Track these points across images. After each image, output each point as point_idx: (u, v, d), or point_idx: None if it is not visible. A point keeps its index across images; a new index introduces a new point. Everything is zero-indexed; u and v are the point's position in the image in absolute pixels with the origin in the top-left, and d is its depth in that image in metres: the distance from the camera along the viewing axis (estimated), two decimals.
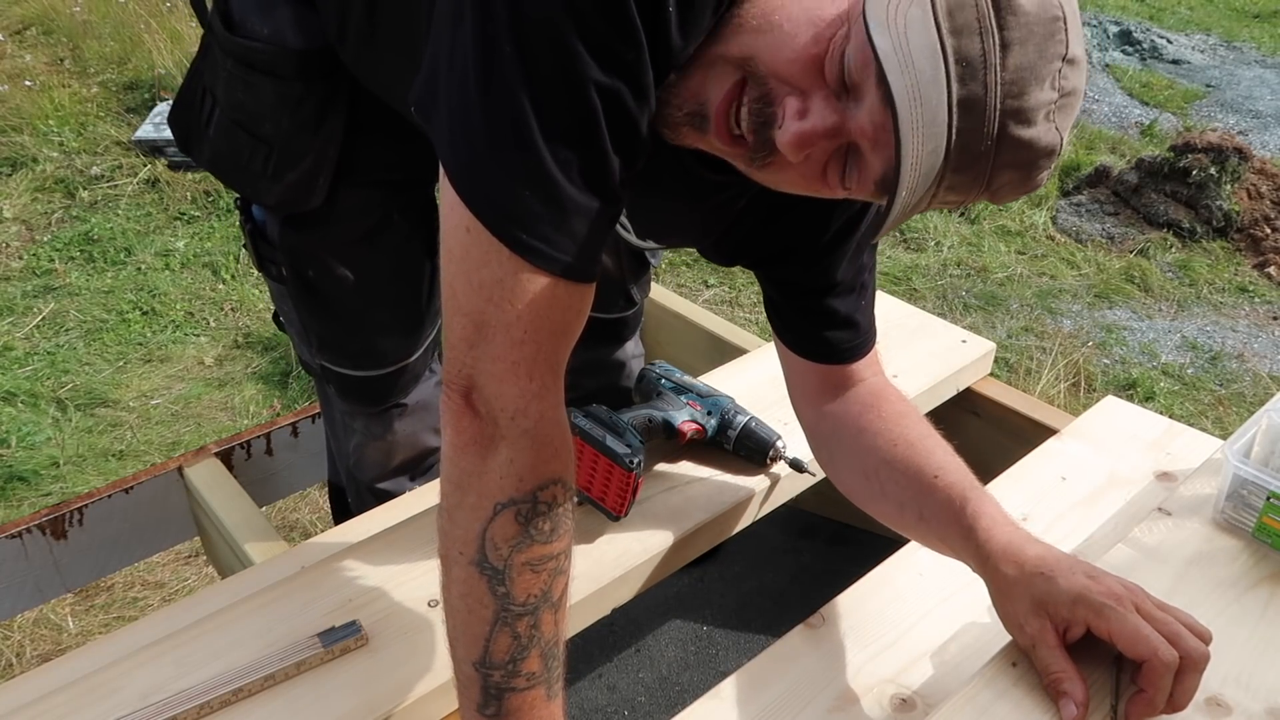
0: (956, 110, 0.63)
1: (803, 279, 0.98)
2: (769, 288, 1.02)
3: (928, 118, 0.62)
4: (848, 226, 0.95)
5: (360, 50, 0.96)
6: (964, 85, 0.62)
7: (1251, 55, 5.88)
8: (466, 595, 0.76)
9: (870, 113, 0.65)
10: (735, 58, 0.70)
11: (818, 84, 0.68)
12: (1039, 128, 0.65)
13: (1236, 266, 3.69)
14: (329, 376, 1.27)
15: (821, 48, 0.67)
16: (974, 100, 0.63)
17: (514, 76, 0.65)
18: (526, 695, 0.80)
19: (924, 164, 0.64)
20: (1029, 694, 0.92)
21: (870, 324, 1.04)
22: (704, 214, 0.95)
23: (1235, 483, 1.10)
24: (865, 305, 1.02)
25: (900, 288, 3.42)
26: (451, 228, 0.70)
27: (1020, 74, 0.63)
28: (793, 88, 0.68)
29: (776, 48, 0.68)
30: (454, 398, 0.73)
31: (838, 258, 0.96)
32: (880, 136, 0.66)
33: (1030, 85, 0.63)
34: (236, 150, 1.07)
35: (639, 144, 0.71)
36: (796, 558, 1.82)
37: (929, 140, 0.63)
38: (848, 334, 1.01)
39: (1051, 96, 0.64)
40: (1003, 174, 0.67)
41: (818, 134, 0.67)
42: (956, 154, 0.64)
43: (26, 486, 2.32)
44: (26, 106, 3.80)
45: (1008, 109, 0.63)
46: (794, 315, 1.01)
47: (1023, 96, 0.63)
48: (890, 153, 0.65)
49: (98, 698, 0.92)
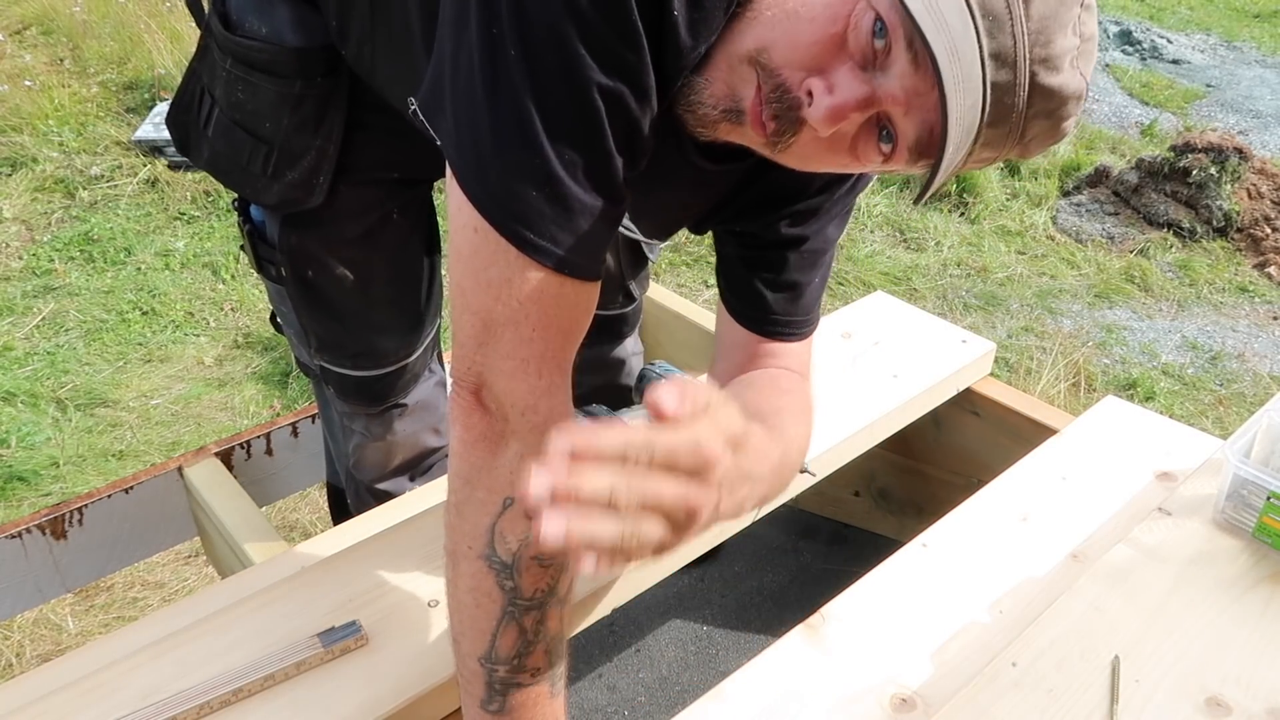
0: (989, 64, 0.63)
1: (767, 232, 0.95)
2: (728, 242, 0.99)
3: (965, 73, 0.63)
4: (829, 184, 0.93)
5: (361, 48, 0.97)
6: (993, 38, 0.63)
7: (1251, 55, 5.88)
8: (474, 589, 0.77)
9: (901, 78, 0.65)
10: (750, 52, 0.70)
11: (841, 59, 0.67)
12: (1065, 74, 0.66)
13: (1236, 266, 3.69)
14: (328, 377, 1.27)
15: (841, 24, 0.67)
16: (1004, 52, 0.63)
17: (519, 79, 0.66)
18: (530, 691, 0.80)
19: (965, 120, 0.64)
20: (1029, 694, 0.92)
21: (812, 311, 1.00)
22: (704, 201, 0.95)
23: (1235, 483, 1.10)
24: (815, 285, 0.99)
25: (900, 288, 3.42)
26: (459, 228, 0.71)
27: (1045, 22, 0.64)
28: (812, 71, 0.68)
29: (793, 35, 0.68)
30: (464, 395, 0.74)
31: (810, 212, 0.94)
32: (914, 100, 0.66)
33: (1055, 33, 0.64)
34: (236, 150, 1.07)
35: (641, 144, 0.72)
36: (796, 558, 1.82)
37: (968, 95, 0.63)
38: (788, 303, 0.97)
39: (1074, 42, 0.65)
40: (1034, 124, 0.67)
41: (849, 106, 0.67)
42: (993, 107, 0.65)
43: (26, 486, 2.32)
44: (26, 106, 3.80)
45: (1036, 57, 0.64)
46: (743, 271, 0.97)
47: (1049, 44, 0.64)
48: (925, 115, 0.65)
49: (98, 698, 0.92)
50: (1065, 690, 0.92)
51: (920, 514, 1.67)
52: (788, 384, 0.95)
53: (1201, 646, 0.97)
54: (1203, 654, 0.96)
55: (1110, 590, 1.04)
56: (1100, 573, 1.06)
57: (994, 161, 0.72)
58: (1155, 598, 1.03)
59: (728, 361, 0.99)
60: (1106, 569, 1.07)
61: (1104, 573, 1.06)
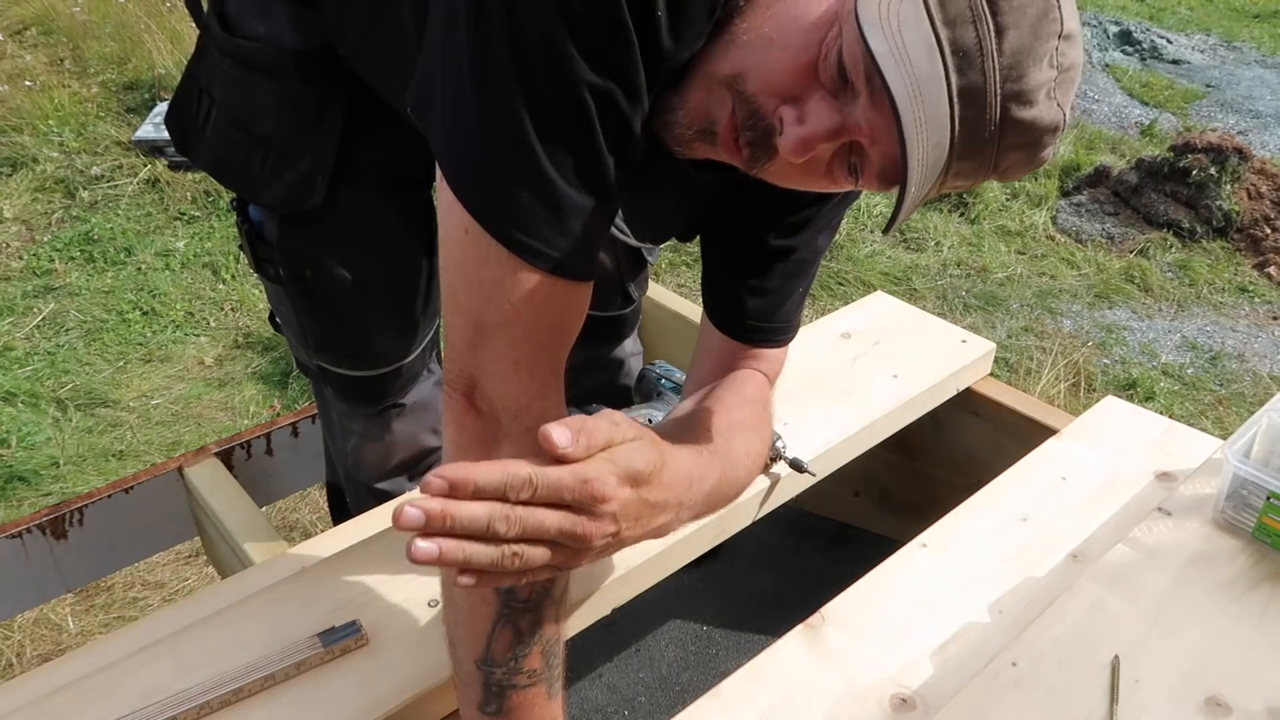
0: (958, 102, 0.63)
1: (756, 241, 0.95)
2: (715, 247, 0.99)
3: (929, 114, 0.62)
4: (822, 196, 0.93)
5: (359, 47, 0.97)
6: (963, 75, 0.62)
7: (1251, 55, 5.88)
8: (469, 592, 0.77)
9: (864, 111, 0.65)
10: (726, 76, 0.70)
11: (813, 87, 0.68)
12: (1040, 107, 0.65)
13: (1236, 266, 3.69)
14: (326, 377, 1.27)
15: (813, 53, 0.67)
16: (974, 89, 0.63)
17: (508, 79, 0.66)
18: (527, 693, 0.80)
19: (930, 157, 0.64)
20: (1029, 694, 0.92)
21: (792, 319, 1.00)
22: (695, 207, 0.95)
23: (1235, 483, 1.10)
24: (798, 294, 0.99)
25: (900, 288, 3.42)
26: (449, 229, 0.71)
27: (1018, 57, 0.63)
28: (785, 99, 0.68)
29: (767, 62, 0.69)
30: (456, 397, 0.74)
31: (801, 224, 0.94)
32: (878, 135, 0.66)
33: (1029, 67, 0.63)
34: (234, 150, 1.07)
35: (633, 143, 0.72)
36: (796, 558, 1.82)
37: (933, 134, 0.63)
38: (769, 311, 0.97)
39: (1050, 75, 0.64)
40: (1009, 155, 0.67)
41: (818, 137, 0.68)
42: (961, 143, 0.65)
43: (27, 486, 2.32)
44: (27, 107, 3.81)
45: (1008, 93, 0.63)
46: (727, 277, 0.97)
47: (1022, 79, 0.63)
48: (889, 149, 0.65)
49: (98, 698, 0.92)
50: (1065, 690, 0.92)
51: (920, 514, 1.66)
52: (753, 391, 0.95)
53: (1201, 647, 0.97)
54: (1203, 654, 0.96)
55: (1110, 590, 1.04)
56: (1100, 573, 1.06)
57: (970, 187, 0.72)
58: (1155, 598, 1.03)
59: (703, 365, 1.00)
60: (1106, 569, 1.07)
61: (1104, 573, 1.06)
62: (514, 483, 0.58)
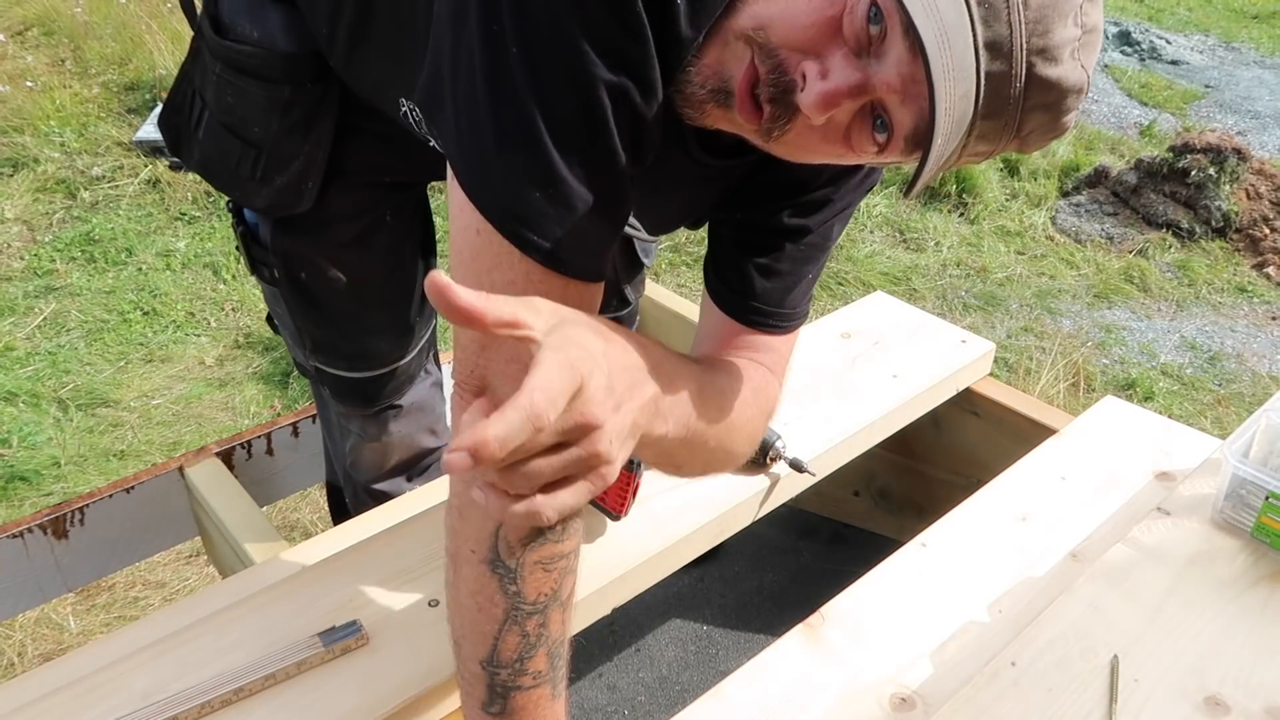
0: (984, 53, 0.62)
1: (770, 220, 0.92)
2: (725, 225, 0.96)
3: (957, 62, 0.61)
4: (838, 176, 0.91)
5: (351, 54, 0.96)
6: (988, 27, 0.62)
7: (1250, 56, 5.88)
8: (477, 593, 0.76)
9: (898, 64, 0.64)
10: (747, 29, 0.68)
11: (836, 44, 0.66)
12: (1065, 66, 0.64)
13: (1235, 267, 3.69)
14: (323, 378, 1.27)
15: (839, 7, 0.65)
16: (999, 41, 0.62)
17: (521, 77, 0.65)
18: (532, 694, 0.80)
19: (956, 110, 0.63)
20: (1028, 693, 0.92)
21: (799, 306, 0.96)
22: (708, 197, 0.94)
23: (1234, 482, 1.10)
24: (807, 279, 0.96)
25: (900, 288, 3.42)
26: (460, 229, 0.70)
27: (1043, 12, 0.62)
28: (808, 53, 0.67)
29: (790, 15, 0.67)
30: (467, 398, 0.73)
31: (816, 203, 0.92)
32: (909, 88, 0.64)
33: (1054, 22, 0.63)
34: (225, 153, 1.06)
35: (647, 140, 0.71)
36: (796, 558, 1.83)
37: (960, 84, 0.62)
38: (777, 294, 0.93)
39: (1075, 33, 0.64)
40: (1032, 117, 0.66)
41: (841, 93, 0.65)
42: (987, 98, 0.64)
43: (28, 486, 2.32)
44: (28, 107, 3.80)
45: (1033, 47, 0.63)
46: (736, 253, 0.94)
47: (1047, 34, 0.63)
48: (921, 104, 0.63)
49: (99, 697, 0.92)
50: (1064, 689, 0.92)
51: (920, 514, 1.67)
52: (755, 377, 0.91)
53: (1200, 646, 0.97)
54: (1201, 653, 0.96)
55: (1109, 590, 1.04)
56: (1099, 572, 1.06)
57: (991, 155, 0.71)
58: (1154, 597, 1.03)
59: (703, 349, 0.96)
60: (1105, 569, 1.07)
61: (1103, 572, 1.06)
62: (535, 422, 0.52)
